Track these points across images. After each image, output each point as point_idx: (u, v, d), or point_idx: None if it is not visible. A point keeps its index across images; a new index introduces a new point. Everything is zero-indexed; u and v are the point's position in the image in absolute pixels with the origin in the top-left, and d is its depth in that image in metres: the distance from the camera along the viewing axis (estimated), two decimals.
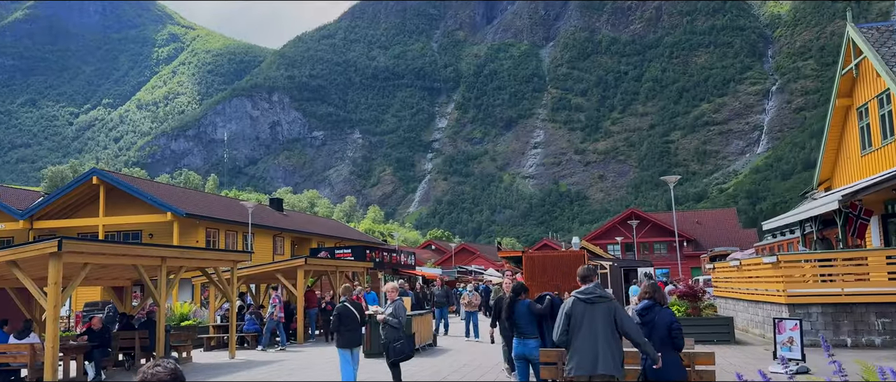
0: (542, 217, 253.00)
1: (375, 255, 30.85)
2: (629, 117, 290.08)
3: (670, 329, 6.57)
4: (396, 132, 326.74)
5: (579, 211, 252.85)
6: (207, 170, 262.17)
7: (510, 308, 8.16)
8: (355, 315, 10.03)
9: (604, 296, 6.47)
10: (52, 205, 35.39)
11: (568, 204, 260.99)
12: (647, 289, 6.93)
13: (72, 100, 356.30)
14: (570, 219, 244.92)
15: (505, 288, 10.44)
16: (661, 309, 6.77)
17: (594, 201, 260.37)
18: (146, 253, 13.23)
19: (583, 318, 6.37)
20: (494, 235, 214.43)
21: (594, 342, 6.23)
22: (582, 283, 6.74)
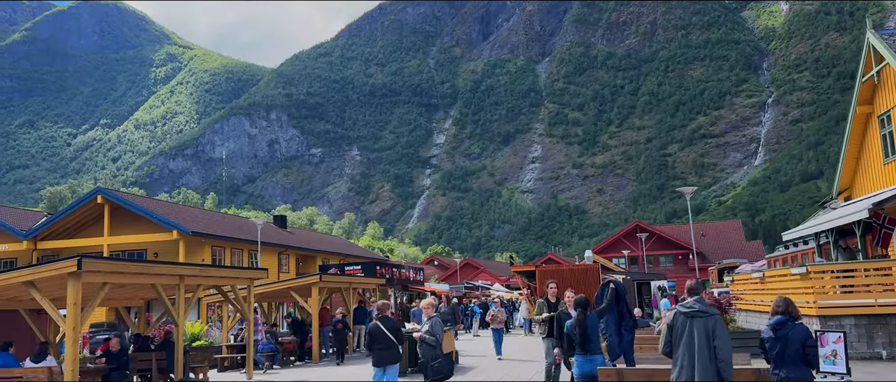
0: (541, 231, 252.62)
1: (385, 271, 30.42)
2: (626, 131, 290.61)
3: (804, 345, 6.36)
4: (394, 148, 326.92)
5: (578, 225, 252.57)
6: (206, 189, 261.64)
7: (582, 324, 7.78)
8: (385, 332, 9.57)
9: (704, 311, 6.51)
10: (55, 226, 34.95)
11: (567, 219, 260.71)
12: (781, 304, 6.72)
13: (70, 120, 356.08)
14: (569, 233, 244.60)
15: (568, 303, 10.08)
16: (794, 325, 6.54)
17: (593, 215, 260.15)
18: (165, 272, 12.85)
19: (683, 330, 6.50)
20: (494, 250, 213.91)
21: (692, 355, 6.32)
22: (689, 296, 6.78)
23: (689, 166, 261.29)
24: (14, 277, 10.99)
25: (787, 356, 6.41)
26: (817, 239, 22.69)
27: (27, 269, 10.96)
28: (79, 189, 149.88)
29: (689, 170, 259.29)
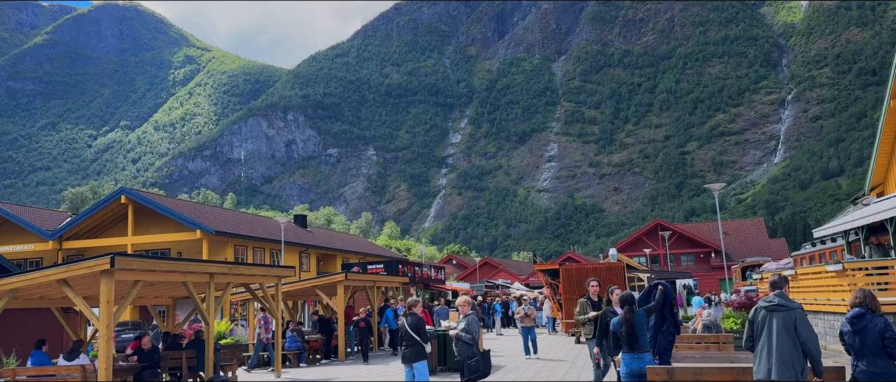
0: (558, 230, 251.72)
1: (407, 270, 30.35)
2: (644, 129, 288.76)
3: (883, 337, 6.24)
4: (410, 148, 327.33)
5: (595, 224, 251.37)
6: (224, 189, 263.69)
7: (630, 321, 7.58)
8: (408, 330, 9.48)
9: (786, 305, 6.49)
10: (80, 226, 35.22)
11: (583, 218, 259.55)
12: (859, 297, 6.61)
13: (90, 122, 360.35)
14: (585, 232, 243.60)
15: (614, 301, 9.85)
16: (873, 318, 6.42)
17: (610, 213, 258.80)
18: (195, 270, 12.82)
19: (763, 325, 6.49)
20: (510, 249, 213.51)
21: (770, 349, 6.34)
22: (771, 290, 6.77)
23: (707, 164, 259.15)
24: (48, 275, 11.00)
25: (866, 348, 6.33)
26: (847, 237, 22.26)
27: (60, 267, 10.97)
28: (100, 190, 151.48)
29: (708, 167, 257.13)
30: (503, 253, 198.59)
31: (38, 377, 11.68)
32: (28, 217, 37.07)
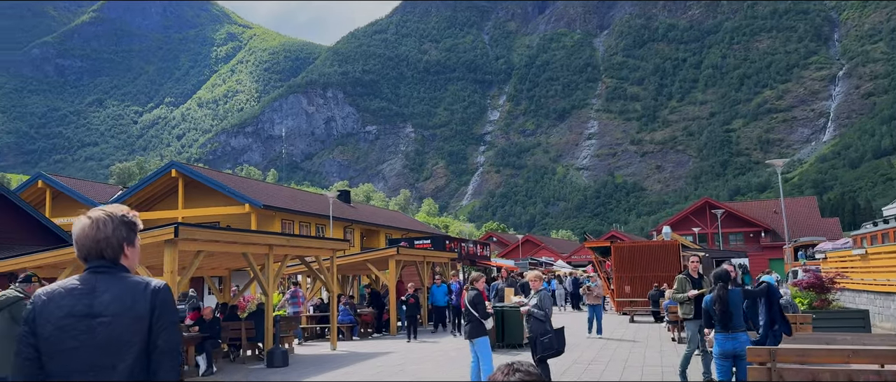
0: (597, 209, 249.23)
1: (453, 245, 30.12)
2: (688, 106, 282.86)
3: None
4: (448, 125, 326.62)
5: (636, 203, 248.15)
6: (266, 166, 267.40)
7: (723, 299, 7.10)
8: (466, 307, 9.19)
9: None
10: (131, 199, 35.81)
11: (624, 196, 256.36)
12: None
13: (136, 99, 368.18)
14: (625, 211, 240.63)
15: (693, 272, 9.36)
16: None
17: (651, 192, 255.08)
18: (256, 241, 12.72)
19: None
20: (549, 228, 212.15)
21: None
22: None
23: (753, 142, 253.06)
24: None
25: None
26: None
27: None
28: (146, 165, 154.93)
29: (754, 146, 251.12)
30: (541, 231, 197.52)
31: None
32: (81, 190, 37.87)
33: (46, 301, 2.38)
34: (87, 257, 2.47)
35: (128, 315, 2.35)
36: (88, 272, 2.45)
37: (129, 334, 2.34)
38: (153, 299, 2.40)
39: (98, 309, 2.34)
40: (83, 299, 2.36)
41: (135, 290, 2.41)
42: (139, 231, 2.62)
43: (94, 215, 2.50)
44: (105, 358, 2.30)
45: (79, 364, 2.30)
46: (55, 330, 2.32)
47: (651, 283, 24.63)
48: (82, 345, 2.31)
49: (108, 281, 2.41)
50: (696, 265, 9.43)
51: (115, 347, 2.31)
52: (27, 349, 2.35)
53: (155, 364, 2.37)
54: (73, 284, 2.41)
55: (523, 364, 1.95)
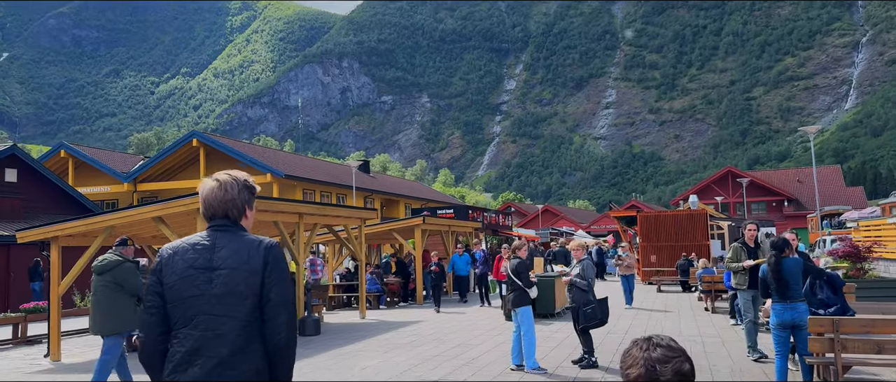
0: (614, 179, 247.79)
1: (476, 215, 29.94)
2: (708, 73, 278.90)
3: None
4: (464, 95, 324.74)
5: (653, 173, 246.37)
6: (282, 136, 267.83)
7: (777, 266, 6.82)
8: (509, 275, 8.93)
9: None
10: (153, 168, 35.92)
11: (641, 166, 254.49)
12: None
13: (152, 69, 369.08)
14: (643, 181, 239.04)
15: (749, 241, 9.03)
16: None
17: (669, 162, 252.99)
18: (287, 209, 12.57)
19: None
20: (565, 198, 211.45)
21: None
22: None
23: (773, 110, 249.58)
24: (144, 212, 10.87)
25: None
26: None
27: (157, 204, 10.81)
28: (164, 136, 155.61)
29: (774, 114, 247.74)
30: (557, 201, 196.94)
31: None
32: (103, 159, 38.02)
33: (172, 254, 2.64)
34: (212, 216, 2.71)
35: (243, 268, 2.56)
36: (211, 229, 2.69)
37: (244, 286, 2.55)
38: (266, 255, 2.61)
39: (217, 263, 2.57)
40: (204, 253, 2.60)
41: (250, 247, 2.61)
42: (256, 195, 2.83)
43: (222, 178, 2.74)
44: (222, 307, 2.52)
45: (198, 311, 2.53)
46: (179, 280, 2.57)
47: (677, 253, 24.32)
48: (202, 294, 2.54)
49: (227, 237, 2.63)
50: (753, 233, 9.06)
51: (232, 297, 2.53)
52: (153, 297, 2.60)
53: (269, 316, 2.56)
54: (197, 240, 2.66)
55: (663, 339, 1.76)
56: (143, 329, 2.63)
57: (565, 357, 9.57)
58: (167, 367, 2.54)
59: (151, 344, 2.59)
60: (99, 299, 7.27)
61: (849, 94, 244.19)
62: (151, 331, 2.60)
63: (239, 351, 2.49)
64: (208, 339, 2.50)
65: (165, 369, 2.54)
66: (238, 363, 2.48)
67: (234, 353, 2.48)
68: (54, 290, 11.56)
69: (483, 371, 8.66)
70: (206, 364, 2.46)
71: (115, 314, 7.23)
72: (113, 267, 7.37)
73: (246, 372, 2.48)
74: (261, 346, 2.55)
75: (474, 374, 8.40)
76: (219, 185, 2.72)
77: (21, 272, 20.45)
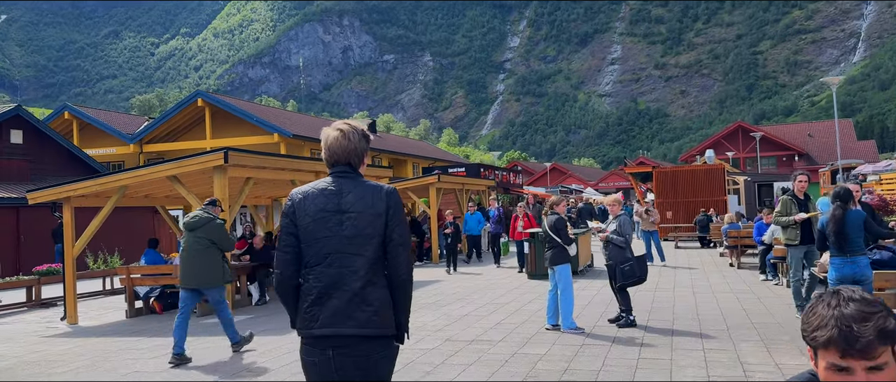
0: (620, 136, 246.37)
1: (489, 173, 29.54)
2: (714, 28, 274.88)
3: None
4: (467, 53, 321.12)
5: (659, 130, 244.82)
6: (284, 97, 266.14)
7: (840, 220, 6.42)
8: (548, 231, 8.55)
9: None
10: (158, 129, 35.45)
11: (647, 123, 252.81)
12: None
13: (152, 30, 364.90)
14: (648, 138, 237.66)
15: (799, 193, 8.52)
16: None
17: (675, 118, 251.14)
18: (304, 168, 12.20)
19: None
20: (570, 156, 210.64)
21: None
22: None
23: (780, 65, 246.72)
24: (159, 171, 10.50)
25: None
26: None
27: (172, 163, 10.44)
28: (165, 97, 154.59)
29: (781, 68, 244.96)
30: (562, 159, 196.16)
31: (155, 275, 11.42)
32: (108, 120, 37.55)
33: (302, 198, 2.87)
34: (335, 162, 2.96)
35: (369, 212, 2.81)
36: (334, 175, 2.93)
37: (370, 228, 2.79)
38: (388, 199, 2.88)
39: (345, 207, 2.81)
40: (333, 198, 2.83)
41: (373, 192, 2.87)
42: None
43: (344, 128, 2.96)
44: (351, 247, 2.77)
45: (332, 250, 2.78)
46: (311, 222, 2.80)
47: (693, 208, 23.97)
48: (333, 235, 2.78)
49: (351, 183, 2.89)
50: (804, 184, 8.60)
51: (360, 238, 2.78)
52: (288, 237, 2.85)
53: (392, 254, 2.85)
54: (323, 186, 2.89)
55: (855, 292, 1.49)
56: (278, 266, 2.86)
57: (599, 315, 9.28)
58: (306, 301, 2.81)
59: (287, 280, 2.85)
60: (191, 254, 7.60)
61: (857, 47, 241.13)
62: (287, 268, 2.84)
63: (369, 284, 2.77)
64: (343, 275, 2.77)
65: (305, 302, 2.82)
66: (368, 295, 2.77)
67: (365, 286, 2.76)
68: (69, 252, 11.27)
69: (516, 332, 8.37)
70: (343, 297, 2.75)
71: (207, 268, 7.61)
72: (205, 223, 7.73)
73: (375, 302, 2.78)
74: (385, 280, 2.85)
75: (506, 336, 8.11)
76: (342, 134, 2.94)
77: (32, 234, 20.21)
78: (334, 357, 2.73)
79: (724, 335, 7.69)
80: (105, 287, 15.46)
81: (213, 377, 6.74)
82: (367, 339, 2.76)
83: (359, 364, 2.74)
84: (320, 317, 2.77)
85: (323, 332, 2.75)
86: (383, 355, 2.81)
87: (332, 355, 2.74)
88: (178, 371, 7.10)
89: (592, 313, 9.47)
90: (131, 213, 20.82)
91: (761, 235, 13.00)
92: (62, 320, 11.30)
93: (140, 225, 22.58)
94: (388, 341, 2.83)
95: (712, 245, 21.14)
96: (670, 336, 7.70)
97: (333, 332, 2.74)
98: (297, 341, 2.92)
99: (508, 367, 6.47)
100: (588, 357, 6.80)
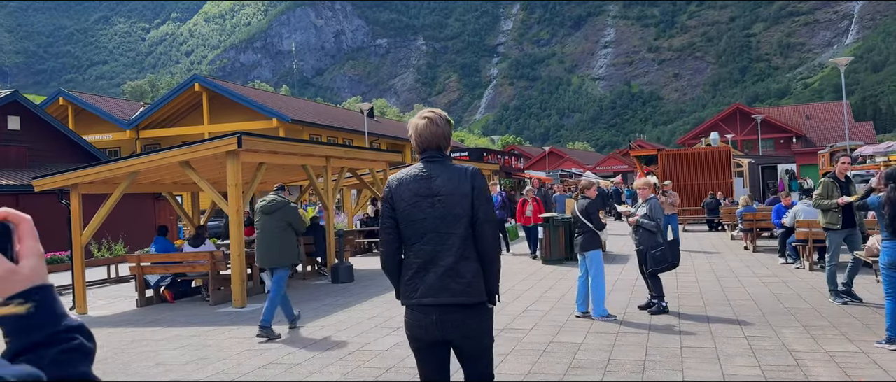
0: (613, 120, 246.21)
1: (491, 157, 29.26)
2: (707, 10, 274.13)
3: None
4: (460, 37, 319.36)
5: (652, 113, 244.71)
6: (277, 82, 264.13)
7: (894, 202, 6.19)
8: (578, 215, 8.26)
9: None
10: (154, 115, 34.99)
11: (640, 106, 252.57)
12: None
13: (142, 15, 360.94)
14: (642, 121, 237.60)
15: (841, 175, 8.25)
16: None
17: (668, 101, 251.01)
18: (314, 152, 11.91)
19: None
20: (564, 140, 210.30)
21: None
22: None
23: (773, 47, 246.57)
24: (170, 156, 10.19)
25: None
26: None
27: (183, 148, 10.12)
28: (158, 83, 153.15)
29: (774, 50, 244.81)
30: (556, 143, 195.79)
31: (165, 263, 11.14)
32: (103, 106, 37.02)
33: (398, 184, 3.22)
34: (425, 148, 3.25)
35: (457, 193, 3.11)
36: (424, 161, 3.22)
37: (459, 208, 3.10)
38: (473, 181, 3.16)
39: (436, 190, 3.12)
40: (424, 183, 3.15)
41: (459, 174, 3.16)
42: None
43: (431, 115, 3.26)
44: (444, 226, 3.10)
45: (427, 230, 3.12)
46: (407, 206, 3.15)
47: (699, 191, 23.81)
48: (427, 217, 3.12)
49: (440, 168, 3.18)
50: (846, 166, 8.35)
51: (451, 218, 3.10)
52: (388, 220, 3.21)
53: (479, 230, 3.14)
54: (415, 171, 3.20)
55: None
56: (382, 245, 3.24)
57: (625, 301, 9.07)
58: (407, 274, 3.17)
59: (391, 256, 3.22)
60: (269, 236, 8.00)
61: (850, 29, 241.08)
62: (390, 246, 3.21)
63: (462, 259, 3.09)
64: (438, 251, 3.09)
65: (406, 275, 3.18)
66: (462, 268, 3.09)
67: (458, 260, 3.08)
68: (77, 240, 10.97)
69: (545, 319, 8.14)
70: (439, 270, 3.08)
71: (283, 249, 8.02)
72: (281, 206, 8.13)
73: (467, 274, 3.10)
74: (475, 254, 3.14)
75: (536, 324, 7.88)
76: (429, 121, 3.23)
77: (34, 223, 19.81)
78: (437, 322, 3.11)
79: (762, 321, 7.49)
80: (110, 275, 15.17)
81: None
82: (461, 307, 3.11)
83: (458, 326, 3.12)
84: (420, 288, 3.13)
85: (423, 301, 3.12)
86: (478, 318, 3.16)
87: (435, 319, 3.11)
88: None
89: (619, 299, 9.26)
90: (133, 200, 20.49)
91: (780, 218, 12.81)
92: (71, 309, 11.02)
93: (142, 212, 22.26)
94: (481, 306, 3.17)
95: (720, 227, 20.99)
96: (707, 323, 7.49)
97: (433, 301, 3.10)
98: (336, 321, 2.93)
99: (548, 357, 6.25)
100: (628, 345, 6.58)
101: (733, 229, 17.75)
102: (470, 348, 3.19)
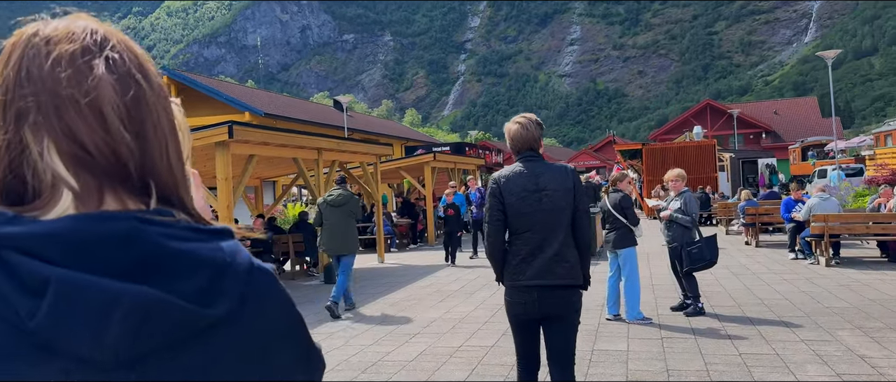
0: (579, 116, 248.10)
1: (473, 152, 28.67)
2: (671, 8, 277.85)
3: None
4: (428, 33, 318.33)
5: (617, 109, 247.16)
6: (242, 77, 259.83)
7: None
8: (611, 210, 7.59)
9: None
10: None
11: (605, 103, 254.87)
12: None
13: (103, 7, 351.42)
14: (607, 118, 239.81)
15: None
16: None
17: (633, 98, 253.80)
18: (306, 144, 11.11)
19: None
20: None
21: None
22: None
23: (735, 44, 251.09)
24: None
25: None
26: None
27: None
28: None
29: (736, 48, 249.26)
30: None
31: None
32: None
33: (506, 181, 3.55)
34: (520, 149, 3.60)
35: (562, 188, 3.50)
36: (523, 160, 3.57)
37: (563, 202, 3.49)
38: (573, 178, 3.59)
39: (543, 186, 3.49)
40: (531, 179, 3.50)
41: (561, 171, 3.57)
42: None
43: (521, 121, 3.64)
44: (550, 219, 3.48)
45: (536, 221, 3.48)
46: (516, 200, 3.50)
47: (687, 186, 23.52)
48: (535, 210, 3.48)
49: (541, 166, 3.56)
50: None
51: (557, 211, 3.49)
52: (497, 212, 3.54)
53: (578, 221, 3.55)
54: (519, 169, 3.55)
55: None
56: (490, 235, 3.58)
57: (652, 302, 8.49)
58: (515, 260, 3.52)
59: (498, 245, 3.56)
60: (337, 227, 8.67)
61: (809, 27, 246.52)
62: (498, 236, 3.55)
63: (565, 246, 3.49)
64: (546, 240, 3.46)
65: (513, 260, 3.52)
66: (565, 253, 3.49)
67: (562, 248, 3.48)
68: None
69: None
70: (546, 256, 3.46)
71: (350, 238, 8.76)
72: (349, 200, 8.85)
73: (571, 259, 3.51)
74: (574, 242, 3.55)
75: None
76: (521, 126, 3.60)
77: None
78: (539, 299, 3.47)
79: (810, 323, 6.96)
80: None
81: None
82: (565, 287, 3.50)
83: (557, 303, 3.50)
84: (527, 271, 3.48)
85: (530, 283, 3.47)
86: (574, 298, 3.56)
87: (537, 297, 3.47)
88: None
89: (645, 299, 8.66)
90: None
91: (790, 212, 12.42)
92: None
93: None
94: (577, 288, 3.57)
95: (710, 222, 20.69)
96: (752, 326, 6.94)
97: (539, 283, 3.46)
98: None
99: (598, 368, 5.61)
100: (680, 353, 5.98)
101: (729, 224, 17.40)
102: (562, 324, 3.54)
